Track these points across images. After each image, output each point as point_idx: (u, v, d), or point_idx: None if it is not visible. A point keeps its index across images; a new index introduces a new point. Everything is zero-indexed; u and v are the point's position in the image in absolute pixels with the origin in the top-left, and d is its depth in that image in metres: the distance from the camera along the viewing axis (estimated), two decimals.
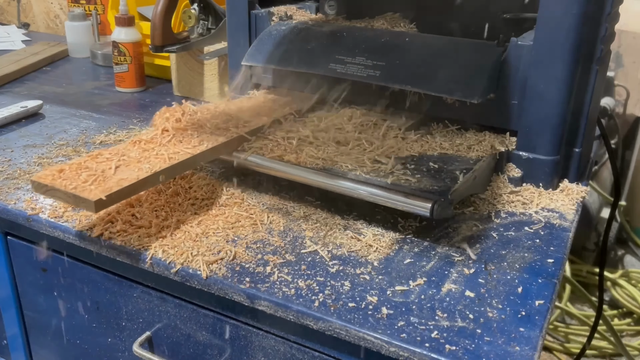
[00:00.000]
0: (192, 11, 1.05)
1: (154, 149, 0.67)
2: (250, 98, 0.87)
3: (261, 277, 0.56)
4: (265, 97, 0.87)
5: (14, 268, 0.78)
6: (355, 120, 0.77)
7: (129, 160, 0.65)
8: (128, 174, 0.61)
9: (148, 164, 0.64)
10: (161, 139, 0.69)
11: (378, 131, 0.75)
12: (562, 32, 0.66)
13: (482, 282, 0.56)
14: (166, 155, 0.65)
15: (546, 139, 0.71)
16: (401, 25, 0.91)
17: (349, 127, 0.76)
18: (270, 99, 0.86)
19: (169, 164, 0.64)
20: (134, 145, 0.68)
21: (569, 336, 1.72)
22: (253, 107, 0.81)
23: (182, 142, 0.69)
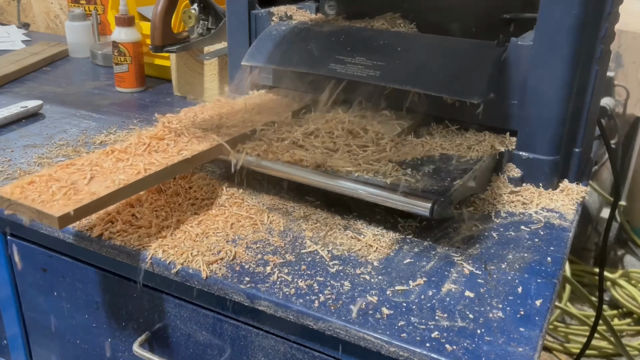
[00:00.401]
0: (192, 11, 1.05)
1: (128, 159, 0.64)
2: (248, 98, 0.87)
3: (261, 277, 0.56)
4: (264, 97, 0.87)
5: (14, 268, 0.78)
6: (345, 125, 0.75)
7: (102, 171, 0.62)
8: (98, 187, 0.58)
9: (123, 175, 0.61)
10: (135, 148, 0.67)
11: (373, 133, 0.75)
12: (562, 32, 0.66)
13: (482, 282, 0.56)
14: (142, 166, 0.63)
15: (546, 139, 0.71)
16: (401, 25, 0.91)
17: (339, 130, 0.74)
18: (269, 99, 0.86)
19: (142, 176, 0.61)
20: (107, 155, 0.66)
21: (569, 336, 1.72)
22: (248, 108, 0.81)
23: (157, 152, 0.66)
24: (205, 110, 0.80)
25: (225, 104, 0.83)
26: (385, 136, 0.72)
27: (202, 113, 0.79)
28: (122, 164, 0.64)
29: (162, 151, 0.67)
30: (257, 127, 0.74)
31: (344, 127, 0.73)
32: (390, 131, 0.75)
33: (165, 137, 0.70)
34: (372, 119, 0.79)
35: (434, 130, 0.79)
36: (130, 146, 0.67)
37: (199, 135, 0.70)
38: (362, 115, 0.80)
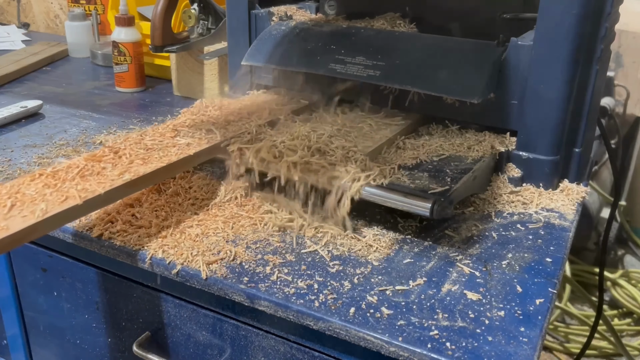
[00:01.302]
0: (192, 11, 1.05)
1: (56, 184, 0.58)
2: (241, 99, 0.86)
3: (261, 277, 0.56)
4: (257, 98, 0.87)
5: (14, 268, 0.78)
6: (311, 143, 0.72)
7: (24, 199, 0.55)
8: (14, 220, 0.52)
9: (44, 203, 0.54)
10: (66, 173, 0.60)
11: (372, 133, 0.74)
12: (562, 32, 0.66)
13: (482, 282, 0.56)
14: (76, 194, 0.56)
15: (546, 139, 0.71)
16: (401, 25, 0.91)
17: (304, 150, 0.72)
18: (263, 100, 0.86)
19: (70, 204, 0.54)
20: (33, 179, 0.59)
21: (569, 336, 1.72)
22: (243, 108, 0.81)
23: (91, 177, 0.59)
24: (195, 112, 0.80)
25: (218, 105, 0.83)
26: (357, 152, 0.67)
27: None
28: (50, 190, 0.57)
29: (98, 174, 0.61)
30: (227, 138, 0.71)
31: (310, 145, 0.67)
32: (377, 139, 0.73)
33: (103, 159, 0.64)
34: (372, 119, 0.79)
35: (434, 130, 0.79)
36: (62, 170, 0.61)
37: (142, 155, 0.66)
38: (362, 115, 0.80)
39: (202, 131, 0.73)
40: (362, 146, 0.69)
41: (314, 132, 0.70)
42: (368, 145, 0.70)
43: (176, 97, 1.14)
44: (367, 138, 0.72)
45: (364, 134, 0.73)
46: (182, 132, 0.73)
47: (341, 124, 0.76)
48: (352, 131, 0.74)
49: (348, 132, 0.73)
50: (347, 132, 0.73)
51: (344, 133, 0.73)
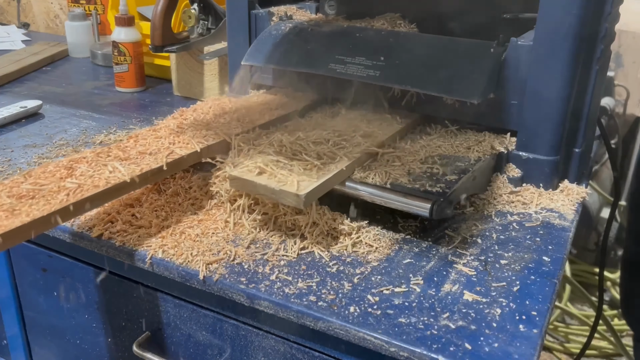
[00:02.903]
0: (192, 11, 1.05)
1: None
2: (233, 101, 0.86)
3: (261, 277, 0.56)
4: (257, 98, 0.88)
5: (14, 268, 0.78)
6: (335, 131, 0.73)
7: None
8: None
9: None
10: None
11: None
12: (562, 32, 0.66)
13: (482, 282, 0.56)
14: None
15: (546, 139, 0.71)
16: (401, 25, 0.91)
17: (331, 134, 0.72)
18: (263, 100, 0.86)
19: None
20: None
21: (569, 336, 1.72)
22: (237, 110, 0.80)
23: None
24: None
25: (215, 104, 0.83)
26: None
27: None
28: None
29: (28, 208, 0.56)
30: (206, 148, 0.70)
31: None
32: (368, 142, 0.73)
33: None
34: (371, 118, 0.79)
35: (434, 131, 0.79)
36: None
37: None
38: (361, 115, 0.80)
39: (202, 131, 0.73)
40: (362, 146, 0.70)
41: (297, 141, 0.68)
42: (367, 145, 0.70)
43: (176, 97, 1.14)
44: (366, 138, 0.72)
45: (363, 134, 0.73)
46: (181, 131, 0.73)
47: (340, 124, 0.76)
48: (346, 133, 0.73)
49: (343, 134, 0.72)
50: (341, 134, 0.72)
51: (335, 137, 0.71)
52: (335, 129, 0.73)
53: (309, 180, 0.60)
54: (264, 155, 0.64)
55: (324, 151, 0.66)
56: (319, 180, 0.60)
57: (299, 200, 0.57)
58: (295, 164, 0.62)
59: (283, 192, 0.58)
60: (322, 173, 0.62)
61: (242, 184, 0.61)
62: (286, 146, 0.67)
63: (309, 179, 0.60)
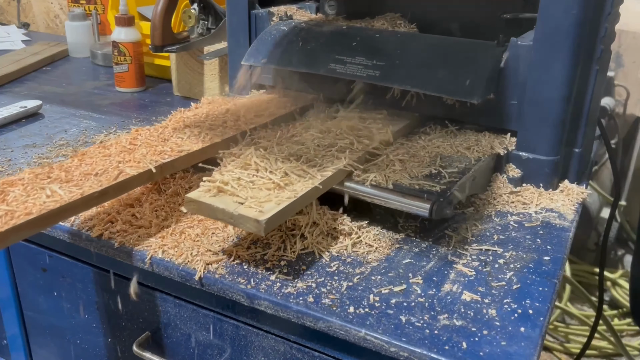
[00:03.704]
0: (192, 11, 1.05)
1: None
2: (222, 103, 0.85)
3: (261, 277, 0.56)
4: (257, 98, 0.87)
5: (14, 268, 0.78)
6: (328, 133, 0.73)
7: None
8: None
9: None
10: None
11: None
12: (562, 32, 0.66)
13: (481, 282, 0.56)
14: None
15: (546, 139, 0.71)
16: (401, 25, 0.91)
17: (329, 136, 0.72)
18: (263, 100, 0.86)
19: None
20: None
21: (569, 336, 1.72)
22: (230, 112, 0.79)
23: None
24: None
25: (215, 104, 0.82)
26: None
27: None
28: None
29: None
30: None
31: None
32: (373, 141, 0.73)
33: None
34: (369, 119, 0.79)
35: (433, 131, 0.79)
36: None
37: None
38: (361, 115, 0.80)
39: (201, 131, 0.73)
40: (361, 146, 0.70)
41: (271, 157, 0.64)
42: (365, 145, 0.70)
43: (176, 97, 1.14)
44: (366, 138, 0.72)
45: (362, 134, 0.73)
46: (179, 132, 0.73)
47: (338, 125, 0.76)
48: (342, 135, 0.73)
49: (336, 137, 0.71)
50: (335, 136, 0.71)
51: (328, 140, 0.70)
52: (330, 130, 0.73)
53: (275, 202, 0.54)
54: (236, 169, 0.60)
55: (305, 161, 0.63)
56: (281, 205, 0.54)
57: (259, 226, 0.52)
58: (263, 182, 0.58)
59: (242, 218, 0.52)
60: (290, 193, 0.56)
61: (198, 207, 0.55)
62: (256, 162, 0.61)
63: (276, 199, 0.55)
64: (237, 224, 0.53)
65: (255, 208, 0.53)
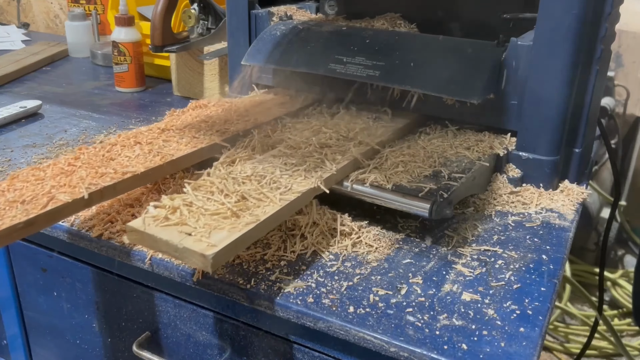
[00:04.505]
0: (192, 11, 1.05)
1: None
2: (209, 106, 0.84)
3: (261, 277, 0.56)
4: (257, 98, 0.87)
5: (14, 268, 0.78)
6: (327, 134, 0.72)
7: None
8: None
9: None
10: None
11: None
12: (562, 32, 0.66)
13: (481, 282, 0.56)
14: None
15: (546, 139, 0.71)
16: (401, 25, 0.91)
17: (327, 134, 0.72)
18: (263, 100, 0.86)
19: None
20: None
21: (569, 336, 1.72)
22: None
23: None
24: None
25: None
26: None
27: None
28: None
29: None
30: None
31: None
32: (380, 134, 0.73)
33: None
34: (370, 119, 0.79)
35: (434, 131, 0.79)
36: None
37: None
38: (360, 115, 0.80)
39: (200, 131, 0.73)
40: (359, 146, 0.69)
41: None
42: (365, 145, 0.70)
43: (176, 97, 1.14)
44: (365, 138, 0.72)
45: (361, 134, 0.73)
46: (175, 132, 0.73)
47: (336, 125, 0.76)
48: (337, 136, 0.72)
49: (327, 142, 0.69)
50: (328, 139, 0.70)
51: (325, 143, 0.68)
52: (326, 130, 0.73)
53: (228, 231, 0.49)
54: (191, 192, 0.55)
55: (269, 182, 0.58)
56: (232, 235, 0.48)
57: (205, 262, 0.46)
58: (216, 207, 0.52)
59: (187, 252, 0.46)
60: (248, 220, 0.50)
61: (140, 237, 0.49)
62: (212, 183, 0.56)
63: (231, 229, 0.49)
64: (182, 259, 0.47)
65: (203, 240, 0.47)
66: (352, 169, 0.66)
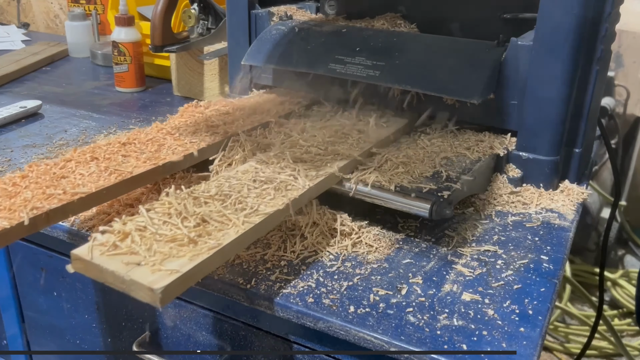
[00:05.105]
0: (192, 11, 1.05)
1: None
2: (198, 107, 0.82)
3: (261, 277, 0.56)
4: (257, 98, 0.87)
5: (14, 268, 0.78)
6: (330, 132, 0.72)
7: None
8: None
9: None
10: None
11: None
12: (562, 32, 0.66)
13: (481, 282, 0.56)
14: None
15: (546, 139, 0.71)
16: (401, 25, 0.91)
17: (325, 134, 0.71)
18: (263, 100, 0.86)
19: None
20: None
21: (569, 336, 1.72)
22: None
23: None
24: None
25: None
26: None
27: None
28: None
29: None
30: None
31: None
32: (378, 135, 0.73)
33: None
34: (370, 118, 0.79)
35: (434, 131, 0.79)
36: None
37: None
38: (360, 115, 0.80)
39: (201, 131, 0.73)
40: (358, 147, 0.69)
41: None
42: (364, 145, 0.70)
43: (176, 97, 1.14)
44: (365, 138, 0.72)
45: (361, 133, 0.73)
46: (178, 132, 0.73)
47: (336, 125, 0.76)
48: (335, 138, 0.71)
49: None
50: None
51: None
52: (303, 143, 0.72)
53: (183, 261, 0.44)
54: (147, 214, 0.50)
55: (234, 202, 0.54)
56: (187, 266, 0.43)
57: (153, 297, 0.41)
58: (173, 233, 0.47)
59: (134, 284, 0.42)
60: (208, 246, 0.46)
61: (85, 267, 0.45)
62: (170, 204, 0.51)
63: (187, 257, 0.44)
64: (130, 292, 0.43)
65: (153, 272, 0.43)
66: (330, 183, 0.63)
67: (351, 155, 0.66)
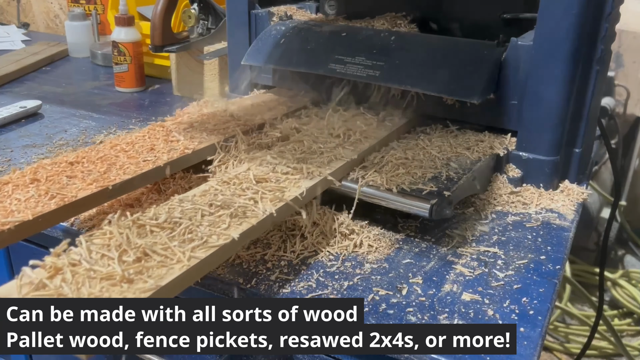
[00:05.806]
0: (192, 11, 1.05)
1: None
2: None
3: (261, 277, 0.56)
4: (257, 98, 0.87)
5: (13, 268, 0.78)
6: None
7: None
8: None
9: None
10: None
11: None
12: (562, 32, 0.66)
13: (481, 282, 0.56)
14: None
15: (546, 139, 0.71)
16: (401, 25, 0.91)
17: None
18: (263, 100, 0.86)
19: None
20: None
21: (569, 336, 1.72)
22: None
23: None
24: None
25: None
26: None
27: None
28: None
29: None
30: None
31: None
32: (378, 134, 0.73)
33: None
34: (370, 118, 0.79)
35: (434, 131, 0.79)
36: None
37: None
38: (360, 115, 0.80)
39: (200, 132, 0.73)
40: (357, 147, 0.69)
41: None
42: (364, 145, 0.70)
43: (176, 97, 1.14)
44: (365, 137, 0.72)
45: (361, 133, 0.73)
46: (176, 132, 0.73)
47: (335, 125, 0.76)
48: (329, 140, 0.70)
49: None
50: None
51: None
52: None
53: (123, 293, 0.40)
54: (84, 245, 0.45)
55: (184, 231, 0.49)
56: None
57: None
58: (107, 270, 0.42)
59: None
60: (143, 287, 0.41)
61: None
62: (111, 233, 0.46)
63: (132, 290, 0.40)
64: None
65: None
66: (325, 186, 0.62)
67: (349, 156, 0.66)
